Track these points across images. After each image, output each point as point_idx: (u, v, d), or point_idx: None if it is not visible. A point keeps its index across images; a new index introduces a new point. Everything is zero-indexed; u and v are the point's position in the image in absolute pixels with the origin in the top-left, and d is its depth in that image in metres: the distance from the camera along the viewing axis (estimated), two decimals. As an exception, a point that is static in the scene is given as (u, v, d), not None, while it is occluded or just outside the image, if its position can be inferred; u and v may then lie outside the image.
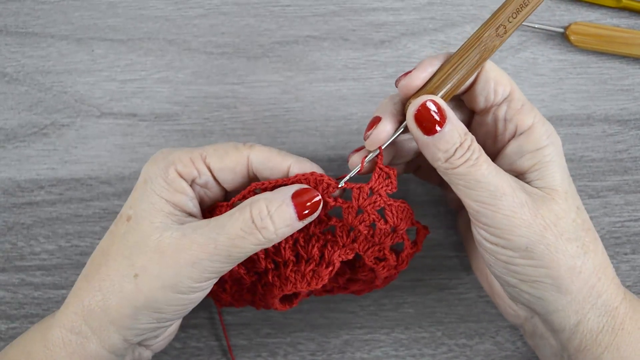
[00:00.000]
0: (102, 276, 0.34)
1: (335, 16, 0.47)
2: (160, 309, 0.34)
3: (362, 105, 0.47)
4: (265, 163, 0.36)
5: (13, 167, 0.46)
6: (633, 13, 0.47)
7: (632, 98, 0.47)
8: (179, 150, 0.36)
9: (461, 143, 0.33)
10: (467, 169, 0.33)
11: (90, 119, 0.46)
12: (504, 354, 0.46)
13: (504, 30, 0.34)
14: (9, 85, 0.46)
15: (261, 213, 0.33)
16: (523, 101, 0.35)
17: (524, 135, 0.35)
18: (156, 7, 0.47)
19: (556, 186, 0.34)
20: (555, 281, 0.34)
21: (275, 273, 0.38)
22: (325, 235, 0.38)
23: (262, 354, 0.46)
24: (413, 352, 0.46)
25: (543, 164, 0.34)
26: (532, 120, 0.35)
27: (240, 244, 0.33)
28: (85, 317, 0.34)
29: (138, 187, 0.36)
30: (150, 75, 0.47)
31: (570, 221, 0.34)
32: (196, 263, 0.33)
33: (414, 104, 0.33)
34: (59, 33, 0.47)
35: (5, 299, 0.45)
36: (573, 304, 0.34)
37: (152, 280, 0.33)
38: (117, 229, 0.35)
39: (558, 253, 0.33)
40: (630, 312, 0.35)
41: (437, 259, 0.46)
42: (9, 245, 0.46)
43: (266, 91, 0.47)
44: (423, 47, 0.47)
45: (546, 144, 0.34)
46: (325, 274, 0.37)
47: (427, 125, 0.33)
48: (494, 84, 0.35)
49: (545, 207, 0.33)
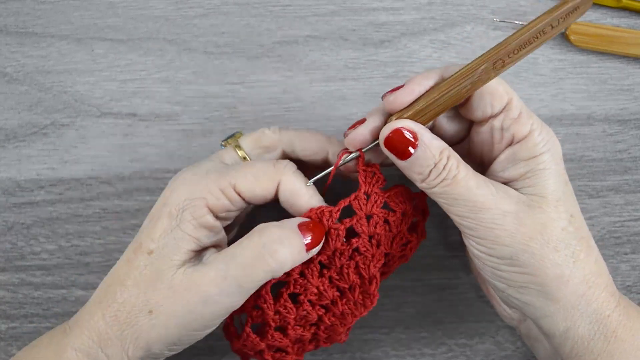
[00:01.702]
0: (118, 307, 0.34)
1: (335, 16, 0.47)
2: (174, 343, 0.34)
3: (362, 105, 0.47)
4: (288, 198, 0.36)
5: (13, 167, 0.46)
6: (633, 13, 0.47)
7: (632, 98, 0.47)
8: (207, 178, 0.35)
9: (435, 164, 0.33)
10: (443, 188, 0.33)
11: (90, 118, 0.46)
12: (504, 354, 0.46)
13: (502, 64, 0.33)
14: (9, 85, 0.46)
15: (272, 237, 0.33)
16: (520, 109, 0.34)
17: (520, 144, 0.34)
18: (156, 7, 0.47)
19: (547, 194, 0.34)
20: (542, 288, 0.34)
21: (329, 315, 0.38)
22: (353, 259, 0.37)
23: (262, 354, 0.46)
24: (413, 351, 0.46)
25: (535, 172, 0.34)
26: (529, 129, 0.34)
27: (251, 271, 0.33)
28: (102, 345, 0.34)
29: (161, 217, 0.34)
30: (150, 75, 0.47)
31: (558, 230, 0.33)
32: (206, 301, 0.33)
33: (386, 130, 0.34)
34: (59, 33, 0.47)
35: (5, 298, 0.45)
36: (561, 311, 0.34)
37: (166, 319, 0.33)
38: (137, 260, 0.34)
39: (544, 261, 0.33)
40: (624, 319, 0.34)
41: (437, 259, 0.46)
42: (9, 245, 0.46)
43: (266, 91, 0.47)
44: (423, 47, 0.47)
45: (541, 152, 0.34)
46: (373, 289, 0.37)
47: (399, 151, 0.33)
48: (490, 97, 0.34)
49: (531, 216, 0.33)
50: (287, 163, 0.36)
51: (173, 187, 0.35)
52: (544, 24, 0.32)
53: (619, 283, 0.46)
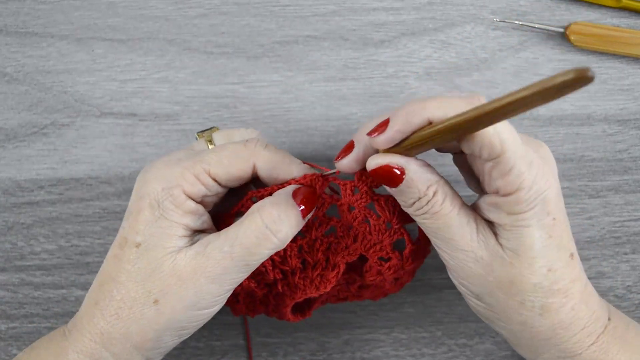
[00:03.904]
0: (117, 304, 0.33)
1: (335, 16, 0.47)
2: (183, 327, 0.34)
3: (362, 105, 0.47)
4: (269, 173, 0.36)
5: (13, 167, 0.46)
6: (633, 13, 0.47)
7: (632, 98, 0.47)
8: (179, 166, 0.35)
9: (419, 198, 0.33)
10: (424, 220, 0.34)
11: (90, 119, 0.46)
12: (504, 354, 0.46)
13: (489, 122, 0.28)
14: (9, 85, 0.46)
15: (272, 217, 0.33)
16: (513, 164, 0.31)
17: (505, 198, 0.32)
18: (156, 7, 0.47)
19: (520, 252, 0.32)
20: (507, 326, 0.35)
21: (284, 282, 0.38)
22: (328, 237, 0.38)
23: (262, 354, 0.46)
24: (413, 352, 0.46)
25: (515, 227, 0.32)
26: (517, 187, 0.31)
27: (256, 250, 0.33)
28: (105, 344, 0.34)
29: (142, 210, 0.34)
30: (150, 75, 0.47)
31: (529, 286, 0.33)
32: (215, 279, 0.33)
33: (372, 161, 0.33)
34: (59, 33, 0.47)
35: (5, 298, 0.45)
36: (529, 346, 0.35)
37: (175, 303, 0.33)
38: (125, 256, 0.34)
39: (508, 310, 0.34)
40: (601, 355, 0.34)
41: (437, 259, 0.46)
42: (9, 245, 0.46)
43: (266, 91, 0.47)
44: (423, 47, 0.47)
45: (524, 211, 0.32)
46: (332, 276, 0.37)
47: (385, 181, 0.33)
48: (480, 142, 0.30)
49: (501, 269, 0.33)
50: (258, 141, 0.36)
51: (146, 178, 0.35)
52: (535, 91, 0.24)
53: (619, 283, 0.46)
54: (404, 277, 0.40)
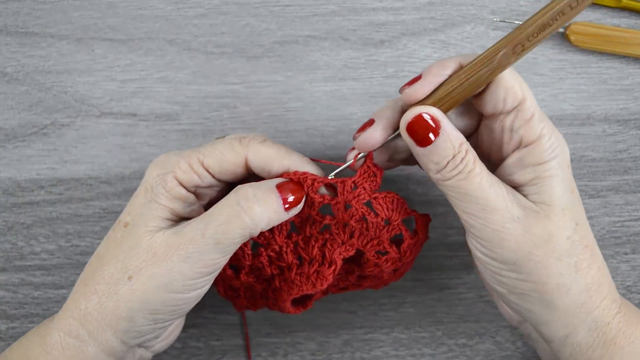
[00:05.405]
0: (97, 280, 0.34)
1: (335, 16, 0.47)
2: (156, 309, 0.34)
3: (362, 105, 0.47)
4: (262, 166, 0.36)
5: (13, 167, 0.46)
6: (633, 13, 0.47)
7: (632, 98, 0.47)
8: (177, 155, 0.36)
9: (454, 155, 0.33)
10: (458, 182, 0.33)
11: (90, 118, 0.46)
12: (504, 354, 0.46)
13: (521, 49, 0.32)
14: (9, 85, 0.46)
15: (247, 194, 0.34)
16: (533, 111, 0.33)
17: (528, 149, 0.33)
18: (156, 7, 0.47)
19: (553, 202, 0.33)
20: (542, 296, 0.34)
21: (281, 278, 0.39)
22: (324, 234, 0.38)
23: (262, 354, 0.46)
24: (413, 352, 0.46)
25: (542, 178, 0.33)
26: (539, 133, 0.33)
27: (228, 229, 0.33)
28: (82, 321, 0.34)
29: (138, 194, 0.35)
30: (150, 75, 0.47)
31: (563, 239, 0.33)
32: (188, 258, 0.33)
33: (408, 115, 0.33)
34: (59, 33, 0.47)
35: (5, 298, 0.45)
36: (561, 319, 0.34)
37: (146, 281, 0.33)
38: (114, 234, 0.35)
39: (546, 270, 0.33)
40: (624, 326, 0.34)
41: (437, 259, 0.46)
42: (9, 245, 0.46)
43: (266, 91, 0.47)
44: (423, 47, 0.47)
45: (549, 159, 0.33)
46: (329, 273, 0.37)
47: (420, 137, 0.33)
48: (504, 92, 0.33)
49: (537, 224, 0.33)
50: (254, 136, 0.37)
51: (150, 166, 0.36)
52: (562, 5, 0.31)
53: (619, 283, 0.46)
54: (403, 268, 0.40)
